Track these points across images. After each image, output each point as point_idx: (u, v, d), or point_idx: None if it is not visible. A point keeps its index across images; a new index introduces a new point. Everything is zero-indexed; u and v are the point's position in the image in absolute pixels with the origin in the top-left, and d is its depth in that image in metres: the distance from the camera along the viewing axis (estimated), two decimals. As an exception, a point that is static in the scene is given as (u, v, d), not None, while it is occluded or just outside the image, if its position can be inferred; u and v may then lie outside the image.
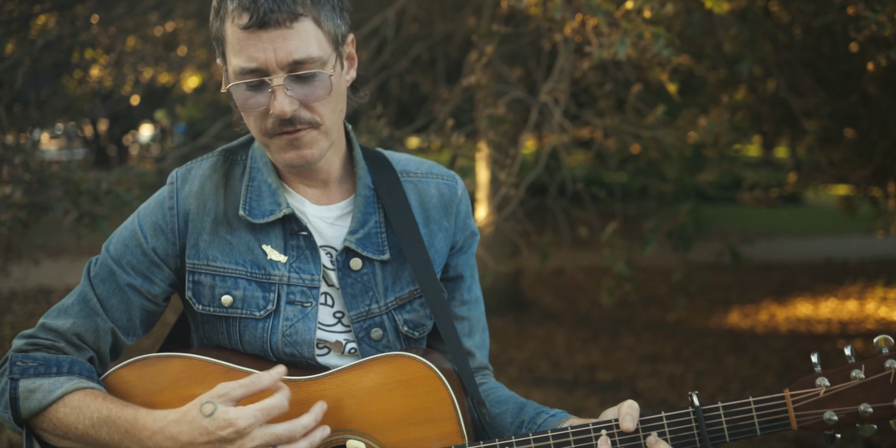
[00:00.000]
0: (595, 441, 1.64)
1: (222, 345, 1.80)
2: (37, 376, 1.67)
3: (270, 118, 1.64)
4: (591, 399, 6.64)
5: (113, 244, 1.80)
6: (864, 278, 11.68)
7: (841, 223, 16.60)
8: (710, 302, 10.29)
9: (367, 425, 1.67)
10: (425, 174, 1.91)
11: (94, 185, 3.92)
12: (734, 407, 1.63)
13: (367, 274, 1.80)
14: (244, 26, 1.58)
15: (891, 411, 1.61)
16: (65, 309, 1.77)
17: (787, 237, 15.59)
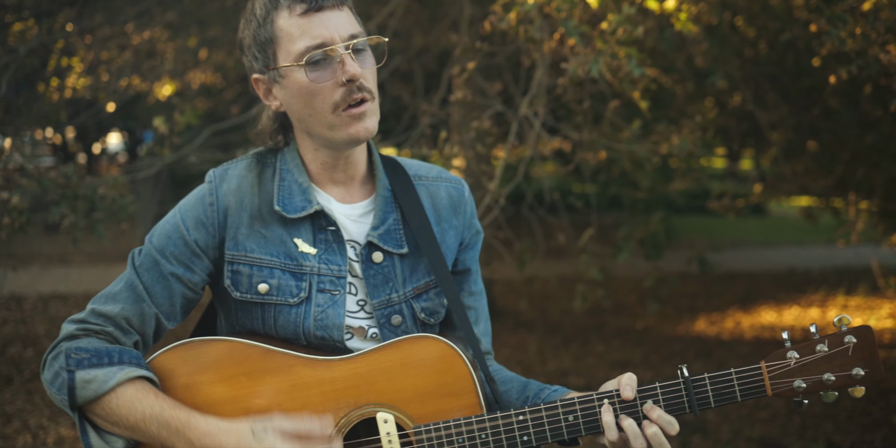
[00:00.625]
0: (598, 409, 1.83)
1: (255, 330, 1.94)
2: (91, 367, 1.80)
3: (339, 89, 1.82)
4: None
5: (156, 236, 1.94)
6: (826, 287, 11.99)
7: (804, 234, 16.99)
8: (677, 310, 10.51)
9: (396, 399, 1.83)
10: (435, 178, 2.09)
11: (90, 191, 4.00)
12: (718, 377, 1.85)
13: (388, 266, 1.97)
14: (303, 12, 1.80)
15: (849, 379, 1.85)
16: (113, 295, 1.91)
17: (752, 247, 15.91)
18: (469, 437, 1.83)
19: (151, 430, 1.78)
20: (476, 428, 1.83)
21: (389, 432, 1.83)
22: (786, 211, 21.66)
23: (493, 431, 1.83)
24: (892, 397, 7.04)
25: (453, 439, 1.82)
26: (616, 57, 3.35)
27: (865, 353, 1.85)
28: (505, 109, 4.54)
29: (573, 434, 1.84)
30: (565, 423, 1.83)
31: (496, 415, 1.83)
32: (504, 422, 1.83)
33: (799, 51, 7.06)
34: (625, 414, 1.83)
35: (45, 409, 6.40)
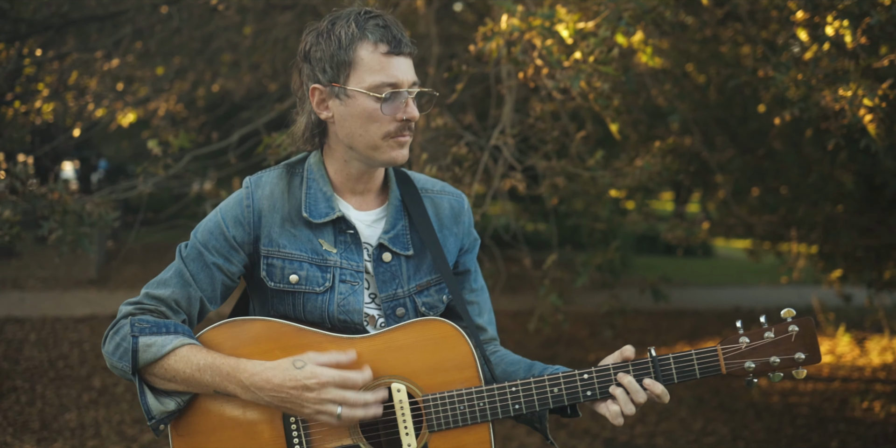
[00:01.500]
0: (586, 383, 2.15)
1: (287, 314, 2.21)
2: (151, 334, 2.08)
3: (395, 124, 2.11)
4: (520, 428, 7.00)
5: (200, 232, 2.22)
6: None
7: (748, 275, 17.53)
8: (627, 343, 10.82)
9: (407, 371, 2.12)
10: (439, 192, 2.39)
11: (79, 206, 4.16)
12: (680, 357, 2.15)
13: (395, 265, 2.26)
14: (386, 52, 2.07)
15: (792, 362, 2.15)
16: (164, 281, 2.18)
17: (699, 287, 16.37)
18: (469, 405, 2.11)
19: (206, 377, 2.04)
20: (475, 397, 2.11)
21: (402, 400, 2.10)
22: (731, 252, 22.31)
23: (489, 400, 2.12)
24: (829, 425, 7.39)
25: (455, 407, 2.11)
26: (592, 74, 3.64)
27: (806, 340, 2.14)
28: (476, 140, 4.82)
29: (557, 403, 2.13)
30: (550, 395, 2.13)
31: (493, 386, 2.12)
32: (499, 392, 2.12)
33: (746, 97, 7.51)
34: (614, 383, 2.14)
35: (8, 427, 6.44)
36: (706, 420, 7.49)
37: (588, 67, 3.59)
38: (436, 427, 2.11)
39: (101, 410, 6.97)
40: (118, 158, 22.43)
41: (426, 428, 2.11)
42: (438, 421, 2.11)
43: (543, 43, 3.64)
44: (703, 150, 7.31)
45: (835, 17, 4.60)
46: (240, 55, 8.85)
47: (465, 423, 2.11)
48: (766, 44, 6.11)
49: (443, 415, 2.11)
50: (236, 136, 5.60)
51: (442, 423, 2.11)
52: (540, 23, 3.59)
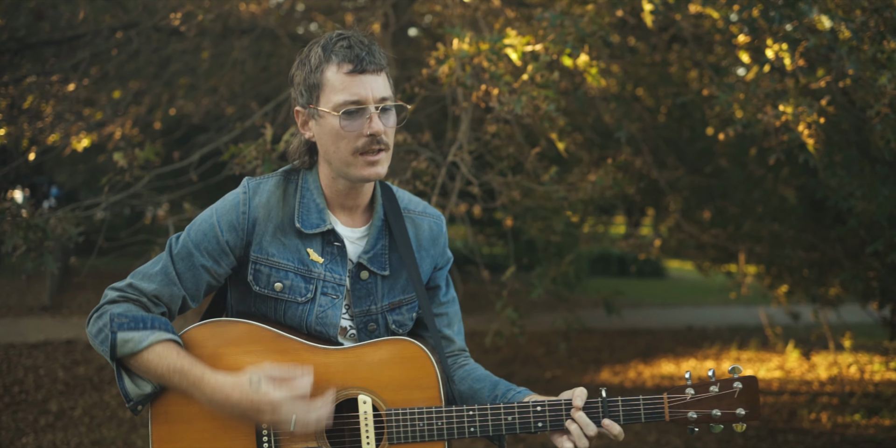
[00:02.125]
0: (541, 416, 2.26)
1: (267, 316, 2.32)
2: (129, 330, 2.17)
3: (363, 139, 2.20)
4: (479, 443, 7.09)
5: (193, 231, 2.30)
6: (721, 342, 12.69)
7: (700, 295, 17.86)
8: (583, 362, 10.99)
9: (374, 385, 2.25)
10: (420, 213, 2.50)
11: (42, 221, 4.20)
12: (628, 401, 2.27)
13: (371, 283, 2.38)
14: (349, 72, 2.17)
15: (733, 416, 2.28)
16: (150, 276, 2.26)
17: (652, 307, 16.63)
18: (428, 423, 2.24)
19: (174, 380, 2.15)
20: (435, 417, 2.24)
21: (367, 411, 2.23)
22: (683, 274, 22.68)
23: (447, 421, 2.24)
24: (779, 436, 7.59)
25: (416, 423, 2.23)
26: (535, 97, 3.81)
27: (748, 397, 2.28)
28: (434, 156, 4.96)
29: (510, 431, 2.26)
30: (504, 422, 2.25)
31: (452, 408, 2.25)
32: (457, 414, 2.25)
33: (694, 118, 7.78)
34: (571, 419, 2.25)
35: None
36: (660, 432, 7.65)
37: (530, 90, 3.76)
38: (395, 440, 2.22)
39: (59, 433, 6.92)
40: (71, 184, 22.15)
41: (386, 439, 2.23)
42: (398, 434, 2.22)
43: (490, 67, 3.80)
44: (652, 169, 7.54)
45: (774, 40, 4.85)
46: (197, 78, 8.93)
47: (422, 439, 2.23)
48: (711, 67, 6.37)
49: (403, 429, 2.23)
50: (197, 156, 5.68)
51: (402, 436, 2.22)
52: (488, 47, 3.76)
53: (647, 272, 22.52)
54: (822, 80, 4.97)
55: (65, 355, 9.95)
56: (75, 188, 23.08)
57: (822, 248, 7.55)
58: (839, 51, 4.42)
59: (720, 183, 8.14)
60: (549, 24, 3.77)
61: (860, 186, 5.17)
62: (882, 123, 4.41)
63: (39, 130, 8.17)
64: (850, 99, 5.26)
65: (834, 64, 4.58)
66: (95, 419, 7.38)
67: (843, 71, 4.52)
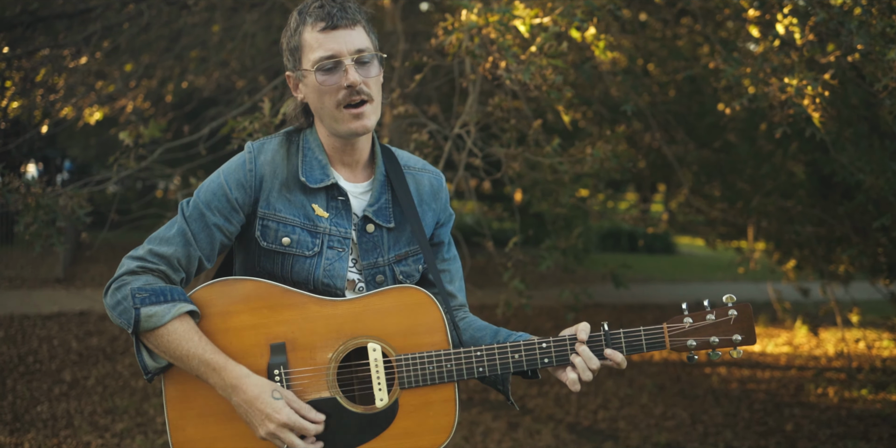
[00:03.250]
0: (550, 351, 2.34)
1: (273, 273, 2.37)
2: (151, 304, 2.22)
3: (342, 91, 2.26)
4: (486, 414, 7.18)
5: (203, 192, 2.36)
6: (729, 318, 12.68)
7: (709, 271, 17.87)
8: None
9: (383, 333, 2.30)
10: (421, 169, 2.56)
11: (52, 200, 4.25)
12: (630, 333, 2.35)
13: (377, 236, 2.44)
14: (322, 29, 2.24)
15: (729, 342, 2.36)
16: (167, 239, 2.32)
17: (661, 283, 16.66)
18: (437, 366, 2.30)
19: (192, 364, 2.22)
20: (444, 359, 2.30)
21: (377, 359, 2.29)
22: (693, 250, 22.69)
23: (456, 363, 2.31)
24: (785, 410, 7.65)
25: (425, 367, 2.30)
26: (543, 67, 3.83)
27: (744, 323, 2.35)
28: (439, 128, 4.98)
29: (517, 368, 2.33)
30: (511, 360, 2.32)
31: (460, 350, 2.32)
32: (465, 356, 2.31)
33: (703, 93, 7.76)
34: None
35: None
36: (667, 406, 7.72)
37: (539, 60, 3.77)
38: (406, 384, 2.28)
39: (73, 402, 7.04)
40: (84, 158, 22.24)
41: (398, 385, 2.29)
42: (409, 379, 2.29)
43: (499, 38, 3.82)
44: (662, 144, 7.54)
45: (784, 15, 4.83)
46: (208, 52, 8.94)
47: (433, 382, 2.29)
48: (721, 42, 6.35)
49: (413, 374, 2.29)
50: (207, 130, 5.71)
51: (412, 381, 2.29)
52: (497, 18, 3.77)
53: (657, 248, 22.54)
54: (832, 55, 4.96)
55: (78, 326, 10.08)
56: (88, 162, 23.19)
57: (831, 223, 7.54)
58: (848, 25, 4.40)
59: (729, 158, 8.13)
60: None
61: (869, 161, 5.17)
62: (890, 98, 4.40)
63: (52, 103, 8.23)
64: (859, 73, 5.24)
65: (843, 38, 4.57)
66: (108, 388, 7.49)
67: (853, 45, 4.51)
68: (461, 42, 3.91)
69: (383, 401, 2.28)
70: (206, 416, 2.26)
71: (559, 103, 4.00)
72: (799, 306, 11.36)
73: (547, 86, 3.83)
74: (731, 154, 8.09)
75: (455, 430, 2.33)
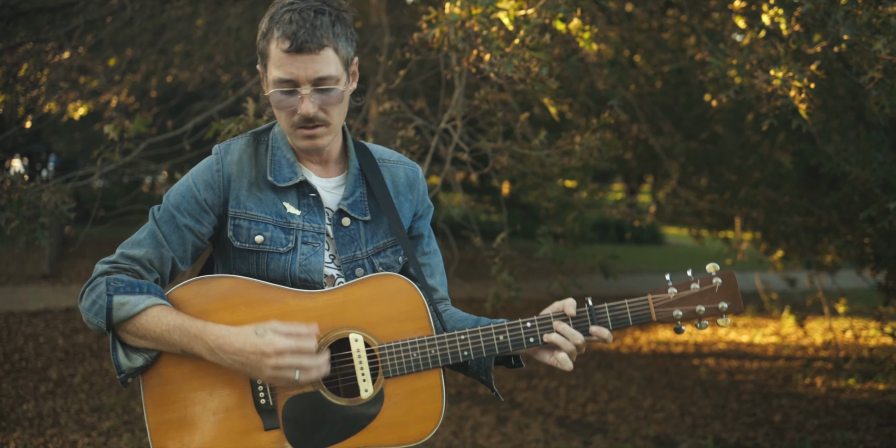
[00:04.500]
0: (533, 329, 2.31)
1: (250, 273, 2.34)
2: (125, 293, 2.20)
3: (297, 115, 2.23)
4: (475, 409, 7.17)
5: (172, 195, 2.35)
6: (717, 308, 12.71)
7: (697, 262, 17.91)
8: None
9: (364, 323, 2.27)
10: (396, 161, 2.54)
11: (34, 196, 4.19)
12: (615, 307, 2.32)
13: (354, 230, 2.41)
14: (285, 50, 2.16)
15: (716, 311, 2.33)
16: (138, 242, 2.31)
17: (649, 273, 16.69)
18: (421, 352, 2.27)
19: (174, 337, 2.17)
20: (427, 345, 2.28)
21: (359, 349, 2.25)
22: (681, 240, 22.73)
23: (440, 348, 2.28)
24: (773, 400, 7.67)
25: (409, 354, 2.27)
26: (525, 60, 3.79)
27: (729, 291, 2.32)
28: (425, 123, 4.95)
29: (503, 350, 2.29)
30: (496, 341, 2.29)
31: (443, 335, 2.29)
32: (449, 340, 2.28)
33: (690, 85, 7.75)
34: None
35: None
36: (655, 398, 7.73)
37: (521, 52, 3.74)
38: (391, 373, 2.25)
39: (59, 400, 6.99)
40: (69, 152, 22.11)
41: (382, 374, 2.25)
42: (393, 367, 2.25)
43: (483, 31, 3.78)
44: (649, 136, 7.52)
45: (770, 5, 4.81)
46: (193, 46, 8.87)
47: (417, 369, 2.26)
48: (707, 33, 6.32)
49: (397, 362, 2.26)
50: (191, 124, 5.66)
51: (396, 369, 2.26)
52: (480, 11, 3.73)
53: (645, 239, 22.59)
54: (818, 46, 4.95)
55: (64, 323, 10.02)
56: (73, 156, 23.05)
57: (818, 213, 7.56)
58: (835, 15, 4.39)
59: (716, 149, 8.13)
60: (542, -12, 3.75)
61: (855, 152, 5.16)
62: (877, 89, 4.40)
63: (34, 99, 8.15)
64: (845, 64, 5.23)
65: (829, 29, 4.55)
66: (95, 386, 7.45)
67: (839, 36, 4.49)
68: (445, 35, 3.88)
69: (368, 392, 2.25)
70: (185, 420, 2.23)
71: (545, 96, 3.97)
72: (786, 296, 11.39)
73: (531, 78, 3.79)
74: (718, 145, 8.09)
75: (443, 417, 2.30)
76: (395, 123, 4.84)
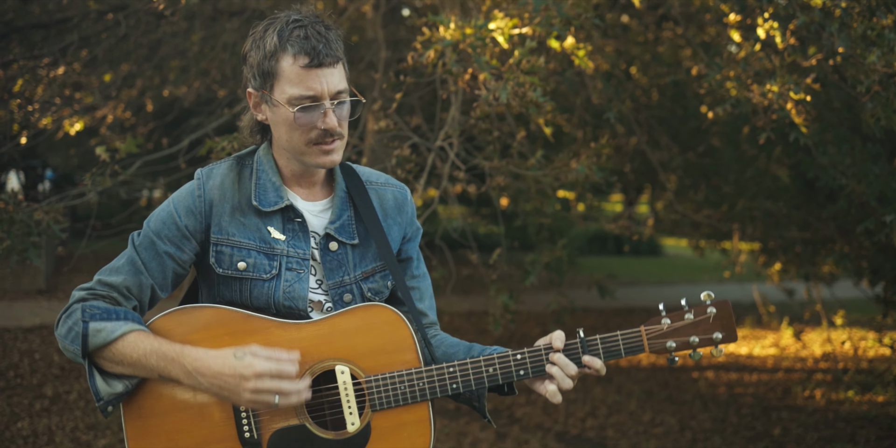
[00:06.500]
0: (524, 362, 2.26)
1: (233, 301, 2.29)
2: (101, 320, 2.15)
3: (316, 131, 2.20)
4: (473, 425, 7.13)
5: (153, 221, 2.29)
6: (716, 320, 12.68)
7: (696, 273, 17.88)
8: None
9: (351, 354, 2.22)
10: (384, 184, 2.49)
11: (26, 216, 4.16)
12: (607, 338, 2.28)
13: (342, 254, 2.36)
14: (305, 65, 2.14)
15: (710, 341, 2.29)
16: (116, 269, 2.25)
17: (648, 285, 16.66)
18: (409, 385, 2.22)
19: (151, 362, 2.12)
20: (415, 378, 2.22)
21: (346, 381, 2.20)
22: (679, 251, 22.71)
23: (428, 380, 2.23)
24: (772, 414, 7.63)
25: (396, 387, 2.22)
26: (521, 84, 3.78)
27: (724, 321, 2.28)
28: (421, 141, 4.93)
29: (492, 382, 2.25)
30: (486, 374, 2.25)
31: (431, 367, 2.24)
32: (437, 372, 2.23)
33: (687, 97, 7.75)
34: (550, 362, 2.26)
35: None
36: (655, 412, 7.69)
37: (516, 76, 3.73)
38: (378, 406, 2.21)
39: (55, 418, 6.94)
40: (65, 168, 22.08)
41: (369, 407, 2.21)
42: (380, 400, 2.21)
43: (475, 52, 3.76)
44: (646, 149, 7.52)
45: (765, 19, 4.81)
46: (188, 61, 8.87)
47: (405, 402, 2.22)
48: (702, 46, 6.32)
49: (384, 395, 2.21)
50: (186, 142, 5.64)
51: (384, 402, 2.21)
52: (472, 33, 3.71)
53: (643, 250, 22.56)
54: (813, 58, 4.94)
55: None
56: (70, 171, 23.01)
57: (816, 225, 7.54)
58: (829, 28, 4.39)
59: (713, 162, 8.12)
60: (534, 9, 3.73)
61: (851, 165, 5.15)
62: (872, 101, 4.39)
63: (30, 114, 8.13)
64: (841, 76, 5.23)
65: (824, 41, 4.55)
66: (90, 403, 7.40)
67: (834, 49, 4.49)
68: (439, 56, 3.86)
69: (355, 425, 2.20)
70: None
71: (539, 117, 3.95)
72: (784, 307, 11.36)
73: (526, 102, 3.77)
74: (715, 158, 8.08)
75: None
76: (390, 142, 4.82)
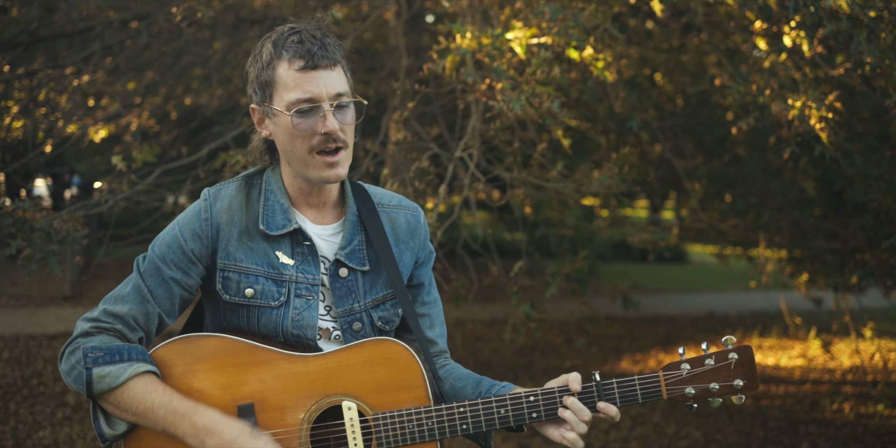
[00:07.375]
0: (538, 404, 2.19)
1: (240, 327, 2.23)
2: (104, 364, 2.07)
3: (317, 137, 2.12)
4: (495, 437, 7.04)
5: (157, 246, 2.23)
6: (742, 329, 12.55)
7: (722, 281, 17.69)
8: (602, 351, 10.91)
9: (358, 390, 2.15)
10: (396, 206, 2.41)
11: (46, 224, 4.16)
12: (624, 382, 2.19)
13: (352, 280, 2.29)
14: (300, 68, 2.08)
15: (731, 388, 2.19)
16: (122, 297, 2.18)
17: (673, 293, 16.48)
18: (418, 424, 2.15)
19: (158, 415, 2.05)
20: (424, 417, 2.15)
21: (352, 418, 2.13)
22: (705, 258, 22.49)
23: (437, 420, 2.15)
24: (800, 427, 7.49)
25: (405, 426, 2.14)
26: (536, 95, 3.72)
27: (745, 367, 2.19)
28: (441, 152, 4.88)
29: (503, 424, 2.18)
30: (497, 416, 2.17)
31: (441, 406, 2.16)
32: (447, 412, 2.16)
33: (712, 105, 7.64)
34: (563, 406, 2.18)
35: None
36: (679, 424, 7.57)
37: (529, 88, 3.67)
38: (385, 445, 2.13)
39: (76, 427, 6.95)
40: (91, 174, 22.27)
41: (376, 446, 2.14)
42: (388, 439, 2.14)
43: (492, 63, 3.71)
44: (671, 157, 7.42)
45: (792, 27, 4.72)
46: (210, 69, 8.89)
47: (413, 441, 2.14)
48: (727, 53, 6.23)
49: (392, 433, 2.14)
50: (206, 151, 5.63)
51: (391, 440, 2.14)
52: (489, 42, 3.66)
53: (668, 257, 22.36)
54: (842, 68, 4.84)
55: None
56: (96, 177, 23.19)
57: (843, 236, 7.40)
58: (858, 37, 4.29)
59: (738, 171, 8.00)
60: (551, 18, 3.67)
61: (878, 178, 5.04)
62: (901, 112, 4.29)
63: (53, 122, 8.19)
64: (870, 85, 5.12)
65: (853, 50, 4.45)
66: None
67: (862, 58, 4.39)
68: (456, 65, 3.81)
69: None
70: None
71: (557, 128, 3.90)
72: (812, 317, 11.19)
73: (542, 112, 3.71)
74: (741, 167, 7.96)
75: None
76: (409, 153, 4.77)
